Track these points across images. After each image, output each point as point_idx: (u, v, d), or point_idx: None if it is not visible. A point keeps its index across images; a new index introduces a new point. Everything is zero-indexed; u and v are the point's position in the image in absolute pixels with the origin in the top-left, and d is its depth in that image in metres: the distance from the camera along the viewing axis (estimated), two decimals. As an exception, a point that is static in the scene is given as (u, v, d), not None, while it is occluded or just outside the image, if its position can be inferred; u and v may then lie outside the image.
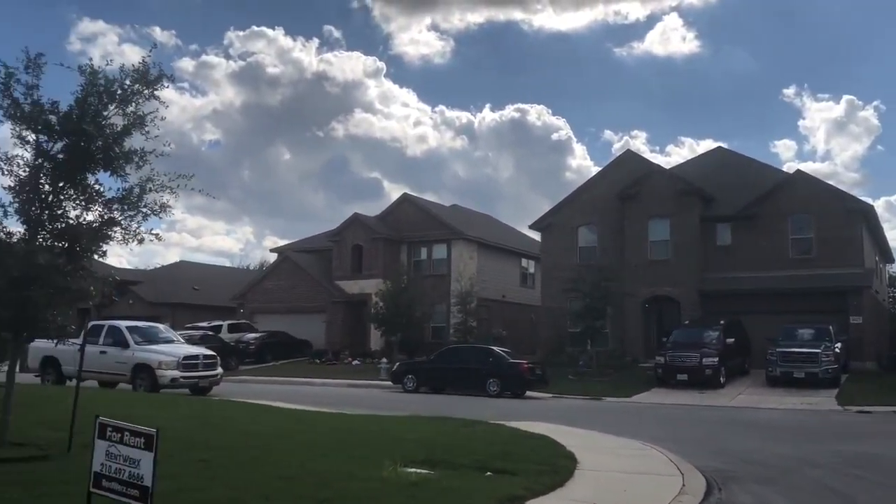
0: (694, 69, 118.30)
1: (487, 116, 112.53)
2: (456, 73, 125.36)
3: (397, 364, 25.77)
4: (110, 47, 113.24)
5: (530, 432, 12.09)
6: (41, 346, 16.98)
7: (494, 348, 24.32)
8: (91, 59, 8.27)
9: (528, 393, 22.45)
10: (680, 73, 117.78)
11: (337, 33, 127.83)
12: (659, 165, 33.74)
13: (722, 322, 25.19)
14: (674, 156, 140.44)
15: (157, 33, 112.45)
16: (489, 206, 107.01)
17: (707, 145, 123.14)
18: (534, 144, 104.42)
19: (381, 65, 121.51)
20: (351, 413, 14.48)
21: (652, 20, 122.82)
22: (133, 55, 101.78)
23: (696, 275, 28.87)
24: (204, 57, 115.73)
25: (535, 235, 37.00)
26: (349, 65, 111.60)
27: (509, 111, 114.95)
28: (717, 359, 22.94)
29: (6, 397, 7.98)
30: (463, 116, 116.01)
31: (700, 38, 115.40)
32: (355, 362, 33.32)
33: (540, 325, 33.48)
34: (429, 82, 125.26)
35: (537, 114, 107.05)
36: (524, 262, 41.76)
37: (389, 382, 24.95)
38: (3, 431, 7.81)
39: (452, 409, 15.93)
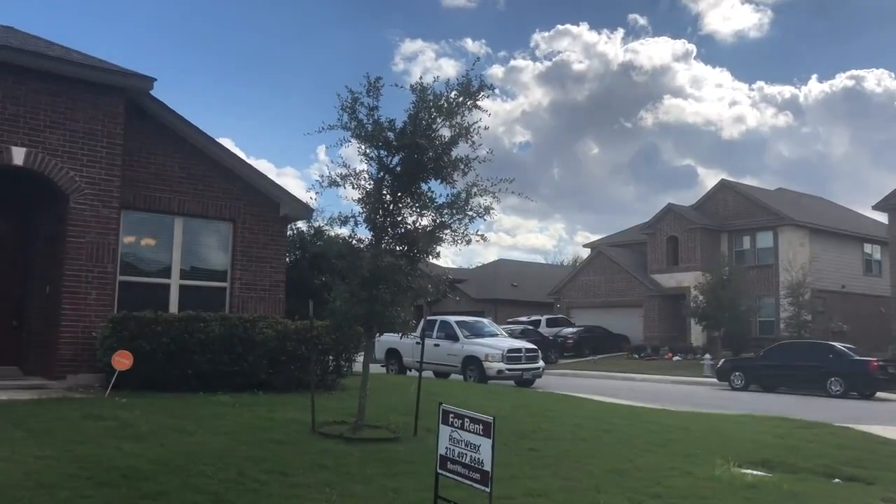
0: None
1: (815, 88, 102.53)
2: (776, 46, 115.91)
3: (722, 360, 24.53)
4: (428, 63, 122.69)
5: (888, 438, 10.74)
6: (385, 338, 19.01)
7: (835, 344, 22.14)
8: (421, 77, 8.97)
9: (878, 394, 20.02)
10: None
11: (643, 20, 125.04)
12: None
13: None
14: None
15: (469, 45, 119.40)
16: (821, 188, 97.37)
17: None
18: (874, 114, 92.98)
19: (691, 47, 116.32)
20: (675, 410, 14.07)
21: None
22: (449, 69, 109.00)
23: None
24: (512, 62, 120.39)
25: (881, 217, 32.78)
26: (656, 51, 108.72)
27: (841, 80, 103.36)
28: None
29: (363, 384, 9.03)
30: (786, 91, 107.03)
31: None
32: (675, 358, 32.31)
33: (891, 318, 29.65)
34: (744, 59, 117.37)
35: (876, 79, 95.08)
36: (867, 247, 37.28)
37: (714, 379, 23.86)
38: (361, 414, 8.83)
39: (788, 409, 14.74)
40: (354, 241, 9.38)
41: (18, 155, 10.99)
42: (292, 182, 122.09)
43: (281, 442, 7.87)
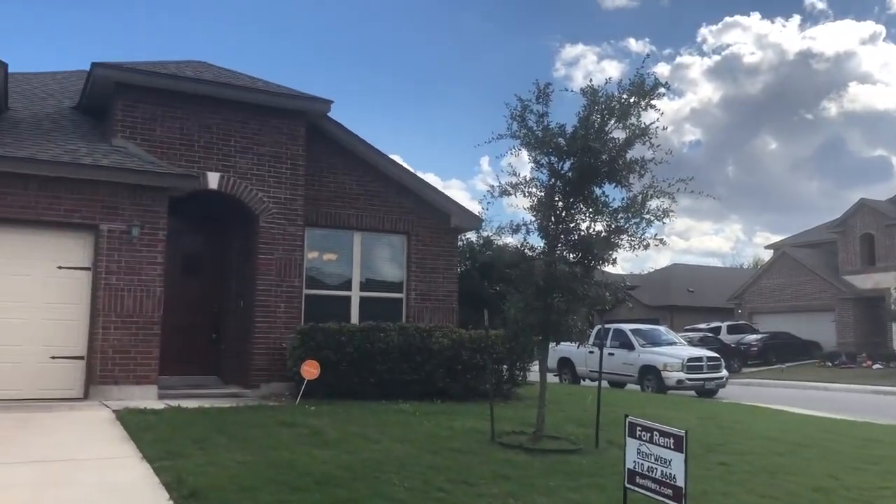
0: None
1: None
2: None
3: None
4: (590, 66, 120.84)
5: None
6: (558, 347, 18.78)
7: None
8: (590, 80, 8.79)
9: None
10: None
11: (821, 5, 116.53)
12: None
13: None
14: None
15: (632, 44, 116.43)
16: None
17: None
18: None
19: (879, 28, 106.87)
20: (883, 423, 12.85)
21: None
22: (612, 70, 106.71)
23: None
24: (678, 59, 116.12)
25: None
26: (838, 36, 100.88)
27: None
28: None
29: (541, 394, 8.93)
30: None
31: None
32: (876, 366, 29.63)
33: None
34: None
35: None
36: None
37: (924, 390, 21.62)
38: (540, 424, 8.73)
39: None
40: (527, 250, 9.32)
41: (213, 180, 11.89)
42: (458, 194, 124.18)
43: (462, 451, 7.92)
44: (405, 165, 14.06)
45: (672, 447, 5.20)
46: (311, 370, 10.83)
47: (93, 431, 8.09)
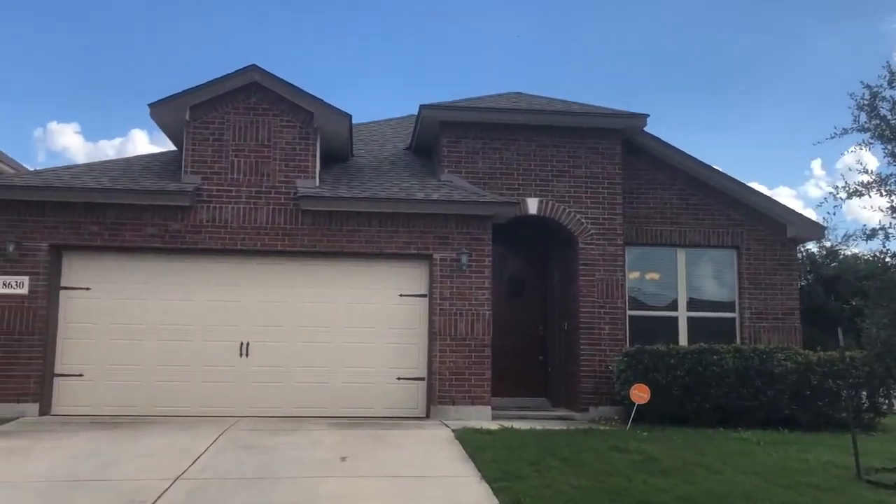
0: None
1: None
2: None
3: None
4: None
5: None
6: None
7: None
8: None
9: None
10: None
11: None
12: None
13: None
14: None
15: None
16: None
17: None
18: None
19: None
20: None
21: None
22: None
23: None
24: None
25: None
26: None
27: None
28: None
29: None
30: None
31: None
32: None
33: None
34: None
35: None
36: None
37: None
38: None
39: None
40: (888, 258, 8.08)
41: (532, 205, 12.12)
42: (789, 202, 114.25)
43: (822, 488, 6.98)
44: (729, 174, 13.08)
45: None
46: (640, 394, 10.45)
47: (435, 449, 8.54)
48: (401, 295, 11.43)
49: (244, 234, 11.09)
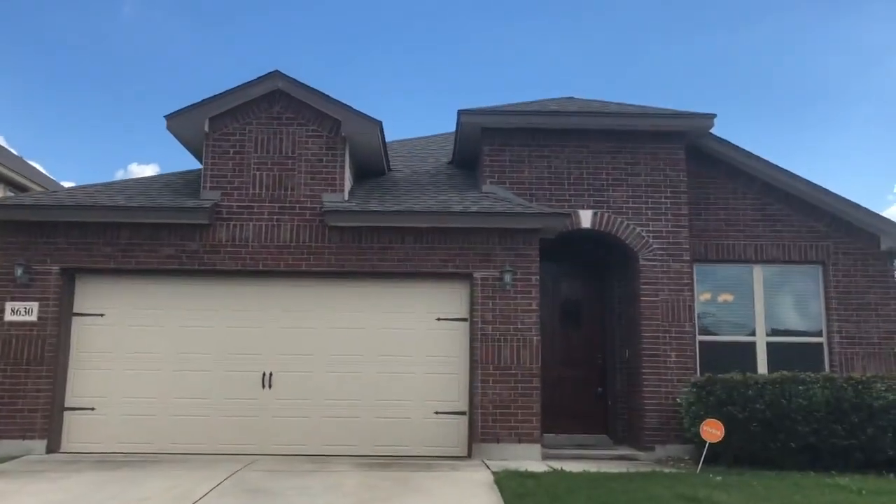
0: None
1: None
2: None
3: None
4: None
5: None
6: None
7: None
8: None
9: None
10: None
11: None
12: None
13: None
14: None
15: None
16: None
17: None
18: None
19: None
20: None
21: None
22: None
23: None
24: None
25: None
26: None
27: None
28: None
29: None
30: None
31: None
32: None
33: None
34: None
35: None
36: None
37: None
38: None
39: None
40: None
41: (586, 217, 10.88)
42: (878, 209, 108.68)
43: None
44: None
45: None
46: (713, 431, 9.00)
47: (467, 496, 7.31)
48: (438, 319, 10.29)
49: (266, 254, 10.16)
